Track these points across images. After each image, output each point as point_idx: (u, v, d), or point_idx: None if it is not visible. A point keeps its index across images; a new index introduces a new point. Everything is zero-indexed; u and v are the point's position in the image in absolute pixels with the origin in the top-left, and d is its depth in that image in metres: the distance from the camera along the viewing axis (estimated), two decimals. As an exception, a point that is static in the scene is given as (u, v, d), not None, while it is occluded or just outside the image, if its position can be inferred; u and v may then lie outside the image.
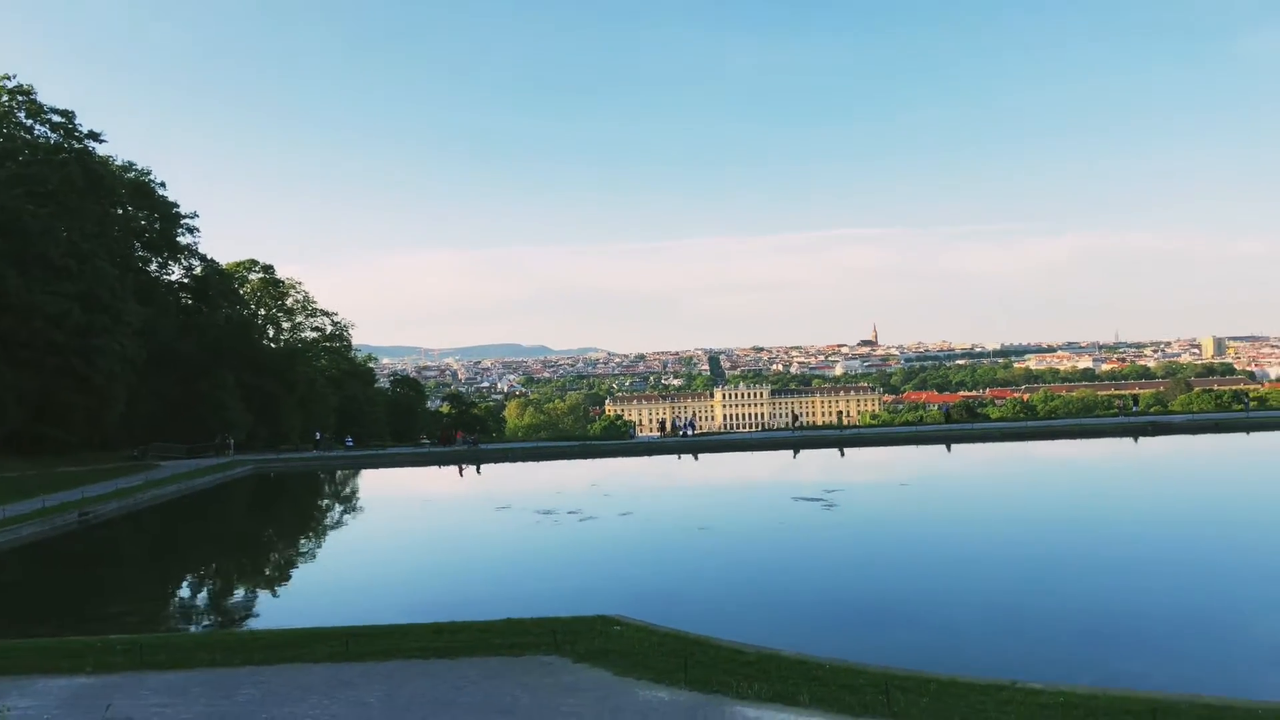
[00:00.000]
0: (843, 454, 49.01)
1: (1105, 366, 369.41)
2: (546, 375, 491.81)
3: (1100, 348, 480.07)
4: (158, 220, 65.25)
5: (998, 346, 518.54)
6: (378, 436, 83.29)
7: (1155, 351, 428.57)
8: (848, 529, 24.20)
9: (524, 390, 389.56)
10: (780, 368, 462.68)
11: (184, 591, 21.62)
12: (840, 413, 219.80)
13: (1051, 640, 13.77)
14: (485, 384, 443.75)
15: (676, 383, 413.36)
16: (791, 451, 50.78)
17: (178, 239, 66.76)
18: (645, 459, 51.43)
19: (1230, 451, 42.05)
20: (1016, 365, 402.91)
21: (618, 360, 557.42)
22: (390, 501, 37.71)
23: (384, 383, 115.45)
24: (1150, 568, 18.09)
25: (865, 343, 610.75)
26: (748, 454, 51.54)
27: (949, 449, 48.59)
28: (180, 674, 12.44)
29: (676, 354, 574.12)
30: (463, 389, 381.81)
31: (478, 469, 49.11)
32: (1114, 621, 14.50)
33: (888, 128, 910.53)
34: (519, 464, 51.66)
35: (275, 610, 18.33)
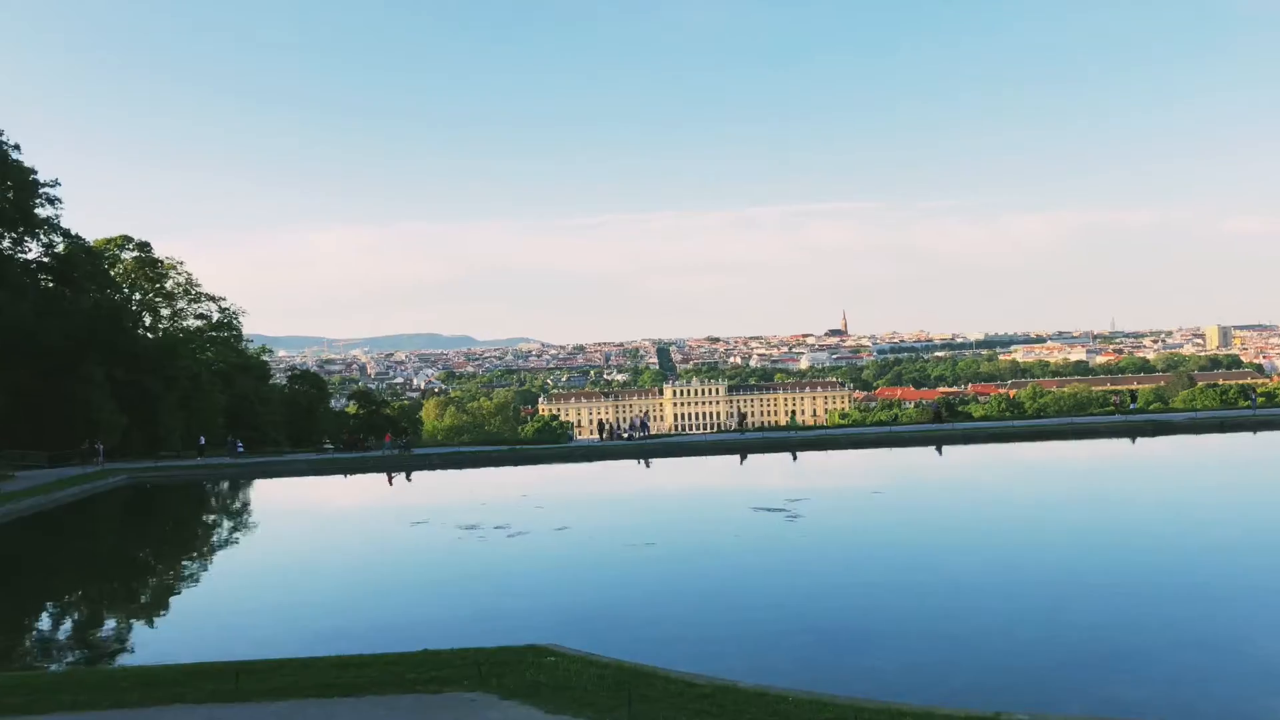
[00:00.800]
0: (795, 458, 49.59)
1: (1100, 359, 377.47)
2: (470, 369, 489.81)
3: (1095, 338, 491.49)
4: (10, 188, 63.46)
5: (981, 337, 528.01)
6: (273, 441, 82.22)
7: (1155, 342, 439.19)
8: (813, 543, 24.45)
9: (444, 387, 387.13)
10: (739, 360, 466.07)
11: (42, 623, 21.13)
12: (793, 411, 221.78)
13: (1040, 667, 14.03)
14: (399, 379, 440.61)
15: (620, 378, 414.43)
16: (738, 457, 51.23)
17: (35, 211, 65.04)
18: (584, 465, 51.55)
19: (1236, 454, 43.28)
20: (1002, 358, 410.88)
21: (553, 352, 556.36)
22: (288, 516, 37.26)
23: (280, 379, 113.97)
24: (1148, 587, 18.52)
25: (834, 332, 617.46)
26: (702, 459, 51.84)
27: (940, 451, 49.40)
28: (35, 719, 12.15)
29: (620, 345, 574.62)
30: (372, 385, 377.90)
31: (408, 476, 48.99)
32: (1109, 645, 14.81)
33: (861, 90, 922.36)
34: (439, 472, 51.44)
35: (151, 643, 17.99)
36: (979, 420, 79.49)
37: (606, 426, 68.01)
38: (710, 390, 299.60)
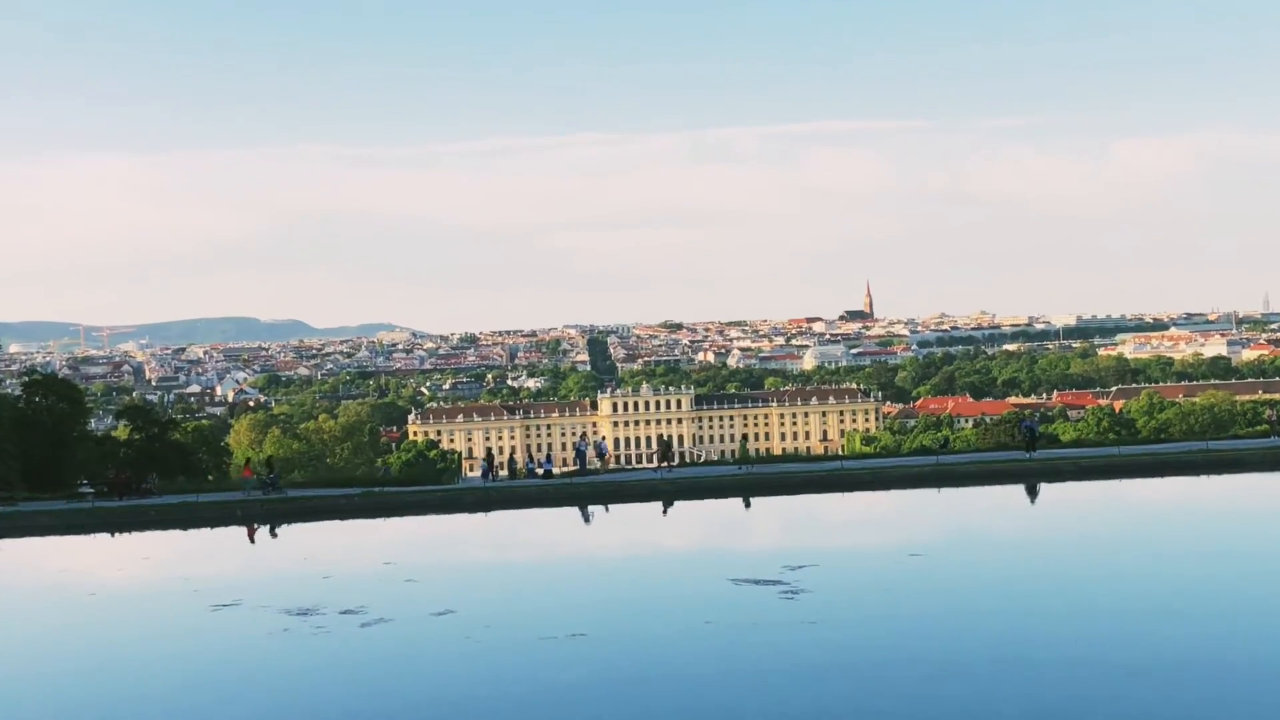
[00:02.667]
0: (748, 505, 50.31)
1: (1248, 353, 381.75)
2: (304, 372, 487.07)
3: (1240, 322, 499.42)
4: None
5: (1070, 321, 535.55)
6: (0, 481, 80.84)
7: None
8: (821, 637, 24.48)
9: (264, 398, 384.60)
10: (711, 357, 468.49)
11: None
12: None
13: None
14: (194, 385, 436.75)
15: (533, 384, 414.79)
16: (662, 505, 51.81)
17: None
18: (481, 518, 51.63)
19: None
20: (1102, 352, 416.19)
21: (429, 346, 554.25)
22: (17, 598, 36.63)
23: (10, 386, 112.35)
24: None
25: (852, 315, 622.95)
26: (662, 506, 51.92)
27: (1034, 494, 49.74)
28: None
29: (532, 335, 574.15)
30: (154, 396, 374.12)
31: (273, 530, 49.31)
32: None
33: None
34: (258, 527, 50.95)
35: None
36: (1069, 445, 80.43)
37: (519, 460, 68.09)
38: (668, 402, 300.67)
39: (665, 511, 50.50)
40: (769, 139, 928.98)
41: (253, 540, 47.70)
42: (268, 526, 50.88)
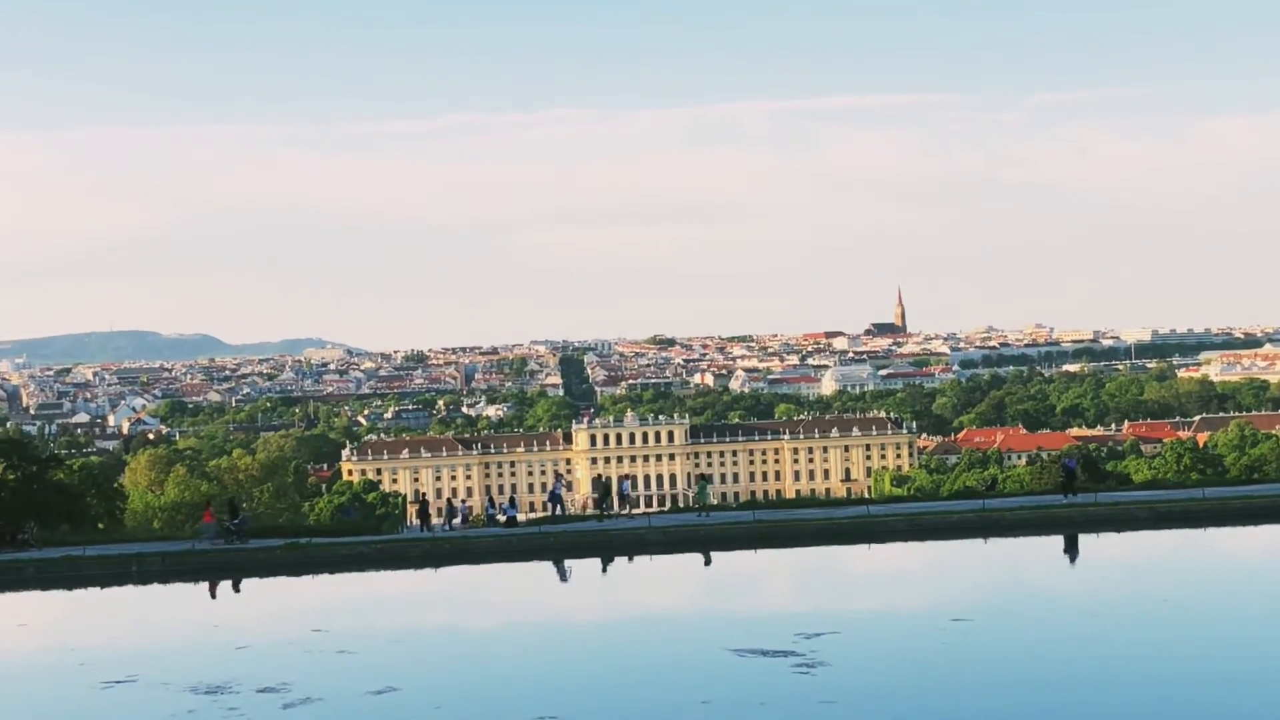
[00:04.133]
0: (708, 562, 50.62)
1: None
2: (214, 397, 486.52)
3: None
4: None
5: (1144, 337, 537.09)
6: None
7: None
8: (843, 719, 24.47)
9: (167, 429, 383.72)
10: (710, 380, 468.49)
11: None
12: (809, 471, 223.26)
13: None
14: (81, 414, 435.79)
15: (494, 412, 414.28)
16: (702, 557, 51.49)
17: None
18: (431, 574, 51.63)
19: None
20: (1182, 374, 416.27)
21: (367, 366, 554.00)
22: None
23: None
24: None
25: (881, 329, 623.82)
26: (656, 560, 51.95)
27: (1070, 550, 49.75)
28: None
29: (493, 353, 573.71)
30: (32, 426, 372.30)
31: (236, 586, 49.45)
32: None
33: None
34: (159, 586, 50.81)
35: None
36: (1143, 487, 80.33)
37: (450, 509, 68.26)
38: (659, 434, 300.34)
39: (637, 565, 50.47)
40: (779, 117, 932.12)
41: (214, 596, 47.69)
42: (229, 582, 50.81)
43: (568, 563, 51.83)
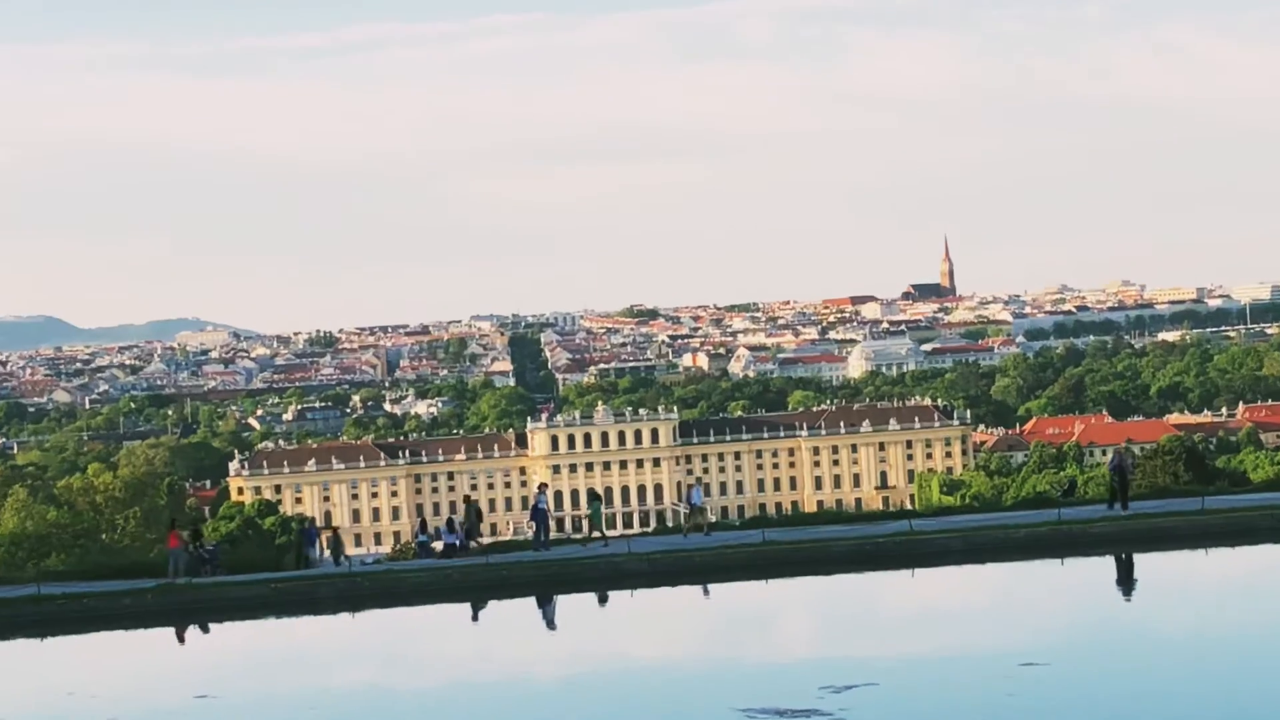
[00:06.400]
0: (707, 596, 50.97)
1: None
2: (62, 396, 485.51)
3: None
4: None
5: (1262, 295, 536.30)
6: None
7: None
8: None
9: (4, 440, 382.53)
10: (704, 361, 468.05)
11: None
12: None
13: None
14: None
15: (425, 409, 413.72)
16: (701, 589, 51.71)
17: None
18: (347, 621, 51.81)
19: None
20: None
21: (260, 353, 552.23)
22: None
23: None
24: None
25: (923, 290, 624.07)
26: (640, 596, 52.13)
27: (1171, 573, 49.86)
28: None
29: (421, 332, 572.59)
30: None
31: (205, 628, 49.94)
32: None
33: None
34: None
35: None
36: (1262, 488, 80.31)
37: (337, 542, 68.59)
38: (637, 433, 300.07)
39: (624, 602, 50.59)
40: (786, 20, 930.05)
41: (181, 641, 47.87)
42: (82, 637, 50.80)
43: (524, 602, 51.89)
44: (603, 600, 52.18)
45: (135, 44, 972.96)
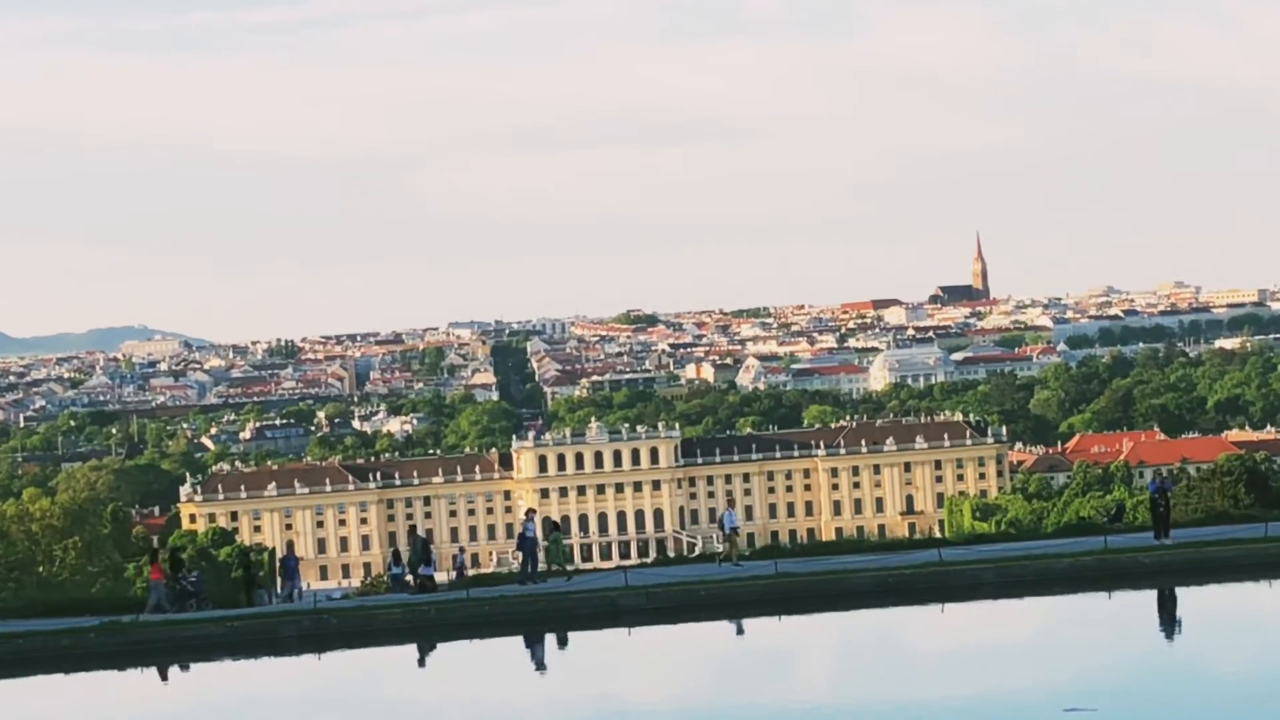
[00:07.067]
0: (712, 635, 51.07)
1: None
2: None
3: None
4: None
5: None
6: None
7: None
8: None
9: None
10: (708, 373, 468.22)
11: None
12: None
13: None
14: None
15: (398, 427, 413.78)
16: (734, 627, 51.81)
17: None
18: (312, 663, 51.74)
19: None
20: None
21: (214, 365, 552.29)
22: None
23: None
24: None
25: (953, 292, 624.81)
26: (636, 634, 52.14)
27: (1230, 608, 49.87)
28: None
29: (394, 341, 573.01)
30: None
31: (163, 672, 50.12)
32: None
33: None
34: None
35: None
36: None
37: (291, 566, 68.72)
38: (635, 453, 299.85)
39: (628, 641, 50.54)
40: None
41: (126, 686, 48.25)
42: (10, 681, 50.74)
43: (507, 641, 51.83)
44: (561, 643, 52.14)
45: (77, 19, 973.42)
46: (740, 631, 51.08)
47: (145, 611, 58.59)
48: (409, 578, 65.15)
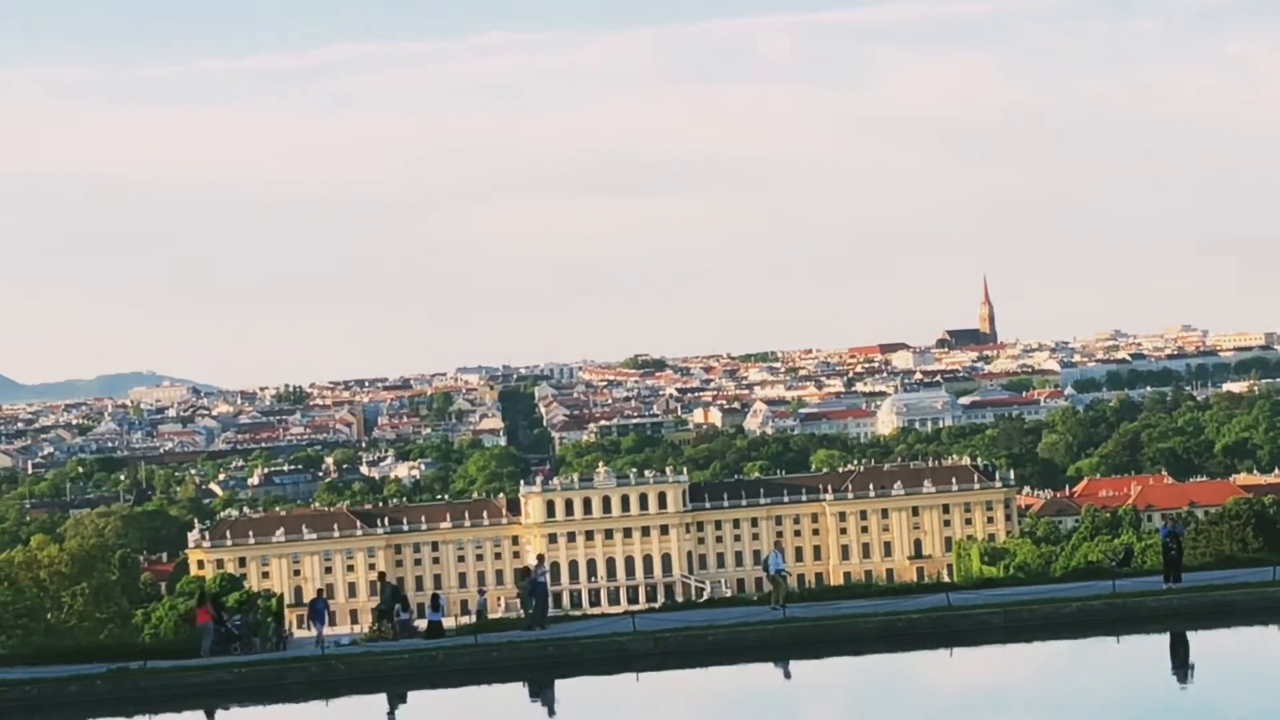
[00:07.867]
0: (718, 680, 50.77)
1: None
2: (4, 461, 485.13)
3: None
4: None
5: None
6: None
7: None
8: None
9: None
10: (716, 418, 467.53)
11: None
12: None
13: None
14: None
15: (406, 472, 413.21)
16: (782, 670, 51.90)
17: None
18: (320, 710, 51.98)
19: None
20: None
21: (222, 411, 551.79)
22: None
23: None
24: None
25: (960, 336, 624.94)
26: (645, 680, 52.04)
27: (1240, 653, 49.86)
28: None
29: (402, 386, 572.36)
30: None
31: (209, 712, 49.96)
32: None
33: None
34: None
35: None
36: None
37: (277, 618, 68.67)
38: (643, 498, 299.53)
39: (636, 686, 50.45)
40: (806, 36, 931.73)
41: None
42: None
43: (515, 687, 51.75)
44: (606, 676, 52.06)
45: (85, 68, 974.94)
46: (749, 677, 50.99)
47: (202, 654, 59.37)
48: (418, 623, 65.28)
